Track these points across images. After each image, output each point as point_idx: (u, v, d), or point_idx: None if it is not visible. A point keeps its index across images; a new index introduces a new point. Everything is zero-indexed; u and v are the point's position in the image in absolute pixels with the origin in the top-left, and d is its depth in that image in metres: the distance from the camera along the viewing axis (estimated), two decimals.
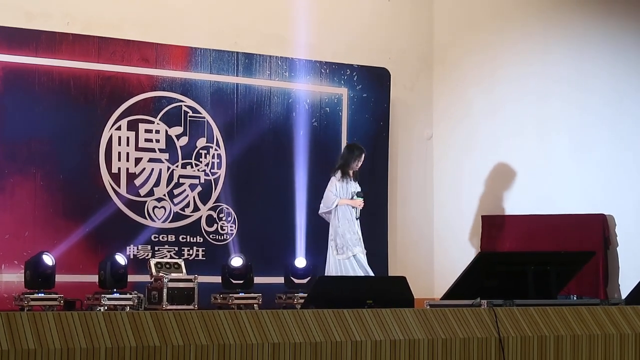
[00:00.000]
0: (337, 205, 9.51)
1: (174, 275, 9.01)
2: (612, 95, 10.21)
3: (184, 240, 9.98)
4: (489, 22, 11.32)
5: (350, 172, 9.61)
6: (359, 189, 9.60)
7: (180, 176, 10.03)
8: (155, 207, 9.87)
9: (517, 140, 10.91)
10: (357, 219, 9.55)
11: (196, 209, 10.07)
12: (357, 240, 9.46)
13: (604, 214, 10.10)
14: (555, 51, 10.66)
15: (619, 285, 9.98)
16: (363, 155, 9.67)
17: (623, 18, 10.23)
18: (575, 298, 6.65)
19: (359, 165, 9.65)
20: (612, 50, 10.24)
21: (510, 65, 11.05)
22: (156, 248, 9.82)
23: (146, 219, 9.81)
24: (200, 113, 10.17)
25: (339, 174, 9.56)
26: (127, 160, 9.78)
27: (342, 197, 9.53)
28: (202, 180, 10.14)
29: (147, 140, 9.90)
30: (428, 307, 5.94)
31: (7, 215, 9.21)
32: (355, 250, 9.44)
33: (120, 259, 8.92)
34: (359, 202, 9.54)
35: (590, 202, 10.20)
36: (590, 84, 10.36)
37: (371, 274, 9.43)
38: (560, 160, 10.53)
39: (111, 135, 9.74)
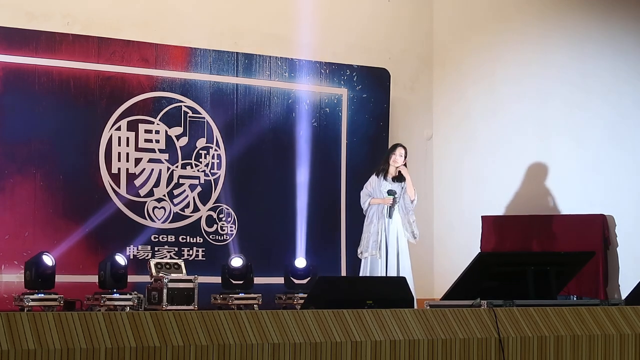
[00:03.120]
0: (369, 205, 9.43)
1: (174, 275, 9.01)
2: (613, 96, 10.21)
3: (184, 240, 9.98)
4: (489, 23, 11.32)
5: (389, 169, 9.47)
6: (392, 187, 9.38)
7: (180, 176, 10.03)
8: (155, 207, 9.87)
9: (517, 140, 10.91)
10: (389, 217, 9.37)
11: (196, 209, 10.07)
12: (376, 243, 9.30)
13: (603, 215, 10.09)
14: (556, 51, 10.66)
15: (619, 285, 9.98)
16: (399, 150, 9.41)
17: (624, 19, 10.23)
18: (575, 298, 6.65)
19: (398, 161, 9.37)
20: (613, 51, 10.24)
21: (511, 66, 11.05)
22: (156, 248, 9.82)
23: (146, 219, 9.81)
24: (200, 113, 10.16)
25: (377, 172, 9.48)
26: (127, 161, 9.78)
27: (375, 195, 9.42)
28: (202, 181, 10.13)
29: (147, 140, 9.90)
30: (428, 307, 5.94)
31: (7, 215, 9.21)
32: (374, 252, 9.30)
33: (120, 259, 8.92)
34: (387, 200, 9.32)
35: (590, 203, 10.19)
36: (590, 84, 10.36)
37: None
38: (560, 161, 10.53)
39: (111, 136, 9.73)
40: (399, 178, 9.43)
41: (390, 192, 9.36)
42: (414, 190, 9.43)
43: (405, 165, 9.46)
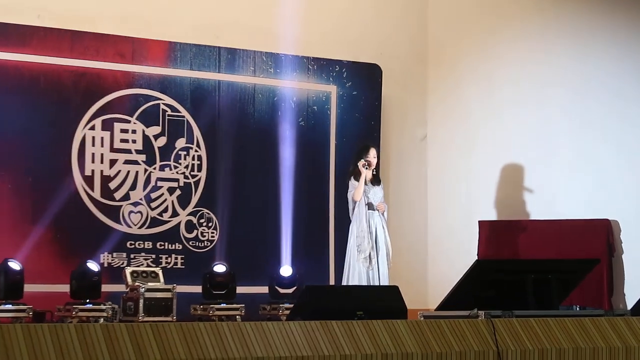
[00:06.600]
0: (355, 203, 9.45)
1: (151, 284, 9.01)
2: (616, 95, 10.22)
3: (162, 247, 9.97)
4: (487, 16, 11.34)
5: (366, 173, 9.50)
6: (373, 190, 9.46)
7: (158, 179, 10.02)
8: (131, 211, 9.86)
9: (516, 140, 10.93)
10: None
11: (175, 214, 10.07)
12: (362, 247, 9.35)
13: (608, 219, 10.11)
14: (557, 47, 10.68)
15: (625, 294, 10.00)
16: (372, 151, 9.57)
17: (628, 16, 10.25)
18: (578, 309, 6.66)
19: (374, 163, 9.53)
20: (616, 48, 10.26)
21: (510, 62, 11.08)
22: (132, 255, 9.81)
23: (121, 224, 9.80)
24: (180, 112, 10.16)
25: (354, 177, 9.53)
26: (102, 162, 9.77)
27: (361, 202, 9.46)
28: (182, 184, 10.13)
29: (122, 140, 9.89)
30: (422, 318, 5.95)
31: None
32: (365, 261, 9.36)
33: (94, 267, 8.92)
34: (367, 173, 9.40)
35: (593, 207, 10.21)
36: (593, 83, 10.38)
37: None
38: (563, 162, 10.55)
39: (84, 135, 9.72)
40: (376, 181, 9.50)
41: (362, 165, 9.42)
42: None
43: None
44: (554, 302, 6.59)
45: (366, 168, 9.46)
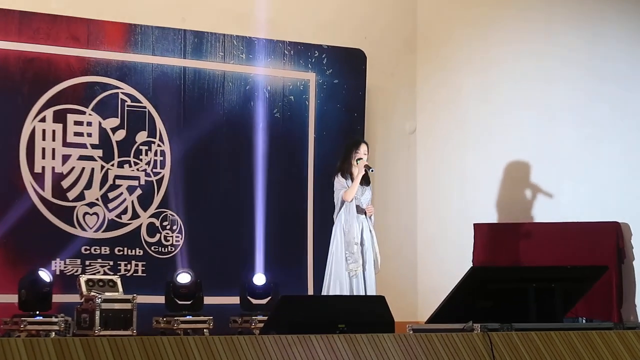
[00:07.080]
0: (343, 204, 9.37)
1: (108, 294, 9.00)
2: (628, 82, 10.26)
3: (121, 253, 9.96)
4: None
5: (352, 171, 9.41)
6: (362, 190, 9.36)
7: (117, 177, 10.01)
8: (86, 213, 9.84)
9: (516, 135, 10.95)
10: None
11: (135, 215, 10.05)
12: (352, 255, 9.28)
13: (617, 222, 10.15)
14: (561, 33, 10.71)
15: (636, 305, 10.04)
16: (363, 147, 9.43)
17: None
18: (584, 321, 6.68)
19: (363, 159, 9.35)
20: (629, 27, 10.29)
21: (507, 47, 11.10)
22: (87, 262, 9.79)
23: (75, 227, 9.78)
24: (141, 102, 10.15)
25: (341, 173, 9.41)
26: (53, 158, 9.75)
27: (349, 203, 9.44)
28: (143, 182, 10.12)
29: (76, 134, 9.87)
30: (411, 332, 5.96)
31: None
32: (355, 268, 9.30)
33: (45, 275, 8.90)
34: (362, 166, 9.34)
35: (602, 208, 10.25)
36: (602, 68, 10.41)
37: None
38: (567, 159, 10.58)
39: (34, 128, 9.70)
40: (365, 180, 9.46)
41: (367, 167, 9.34)
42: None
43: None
44: (558, 314, 6.62)
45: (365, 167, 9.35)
